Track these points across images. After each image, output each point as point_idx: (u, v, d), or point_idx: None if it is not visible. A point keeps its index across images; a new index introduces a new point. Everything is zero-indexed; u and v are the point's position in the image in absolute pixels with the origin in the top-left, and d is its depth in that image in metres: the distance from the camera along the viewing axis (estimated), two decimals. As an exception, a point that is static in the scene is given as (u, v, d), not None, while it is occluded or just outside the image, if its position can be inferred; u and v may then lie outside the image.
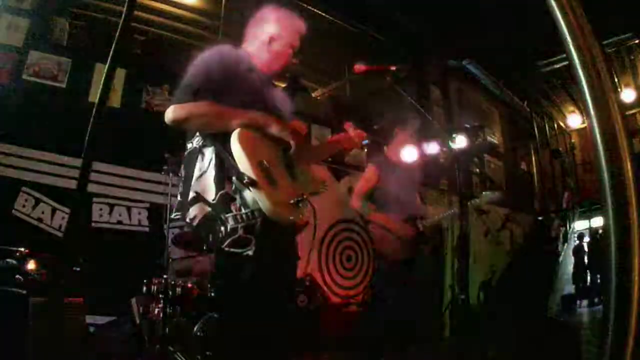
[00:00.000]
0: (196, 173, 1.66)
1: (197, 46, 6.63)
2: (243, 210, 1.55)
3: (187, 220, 1.64)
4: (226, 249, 1.54)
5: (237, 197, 1.57)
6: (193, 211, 1.62)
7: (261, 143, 1.63)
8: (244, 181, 1.50)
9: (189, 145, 1.75)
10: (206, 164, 1.65)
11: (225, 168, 1.61)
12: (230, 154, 1.57)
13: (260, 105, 1.74)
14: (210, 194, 1.59)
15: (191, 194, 1.65)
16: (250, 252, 1.53)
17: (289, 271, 1.83)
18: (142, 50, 5.28)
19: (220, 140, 1.64)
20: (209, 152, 1.66)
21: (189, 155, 1.74)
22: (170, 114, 1.60)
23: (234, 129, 1.58)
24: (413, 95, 2.46)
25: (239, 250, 1.53)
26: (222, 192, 1.57)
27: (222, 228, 1.55)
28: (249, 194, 1.54)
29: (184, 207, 1.68)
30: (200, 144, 1.70)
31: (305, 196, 1.64)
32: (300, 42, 1.95)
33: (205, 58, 1.72)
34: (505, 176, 9.33)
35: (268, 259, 1.58)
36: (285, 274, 1.76)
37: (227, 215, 1.55)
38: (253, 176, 1.50)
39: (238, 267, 1.57)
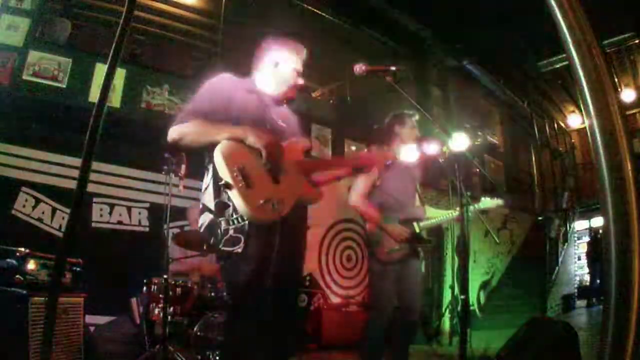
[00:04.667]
0: (203, 187, 1.90)
1: (197, 46, 6.66)
2: (234, 215, 1.74)
3: (198, 227, 1.87)
4: (222, 248, 1.76)
5: (230, 203, 1.75)
6: (202, 219, 1.87)
7: (243, 152, 1.79)
8: (220, 183, 1.71)
9: (206, 162, 1.94)
10: (209, 178, 1.86)
11: (217, 179, 1.79)
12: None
13: (258, 122, 1.91)
14: (212, 204, 1.82)
15: (200, 206, 1.90)
16: (239, 250, 1.72)
17: (286, 266, 1.89)
18: (142, 50, 5.28)
19: (212, 153, 1.83)
20: (211, 167, 1.85)
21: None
22: (169, 133, 1.83)
23: (219, 142, 1.77)
24: (413, 95, 2.47)
25: (230, 249, 1.74)
26: (217, 200, 1.79)
27: (219, 231, 1.76)
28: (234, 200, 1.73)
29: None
30: (207, 160, 1.90)
31: (274, 198, 1.75)
32: (303, 66, 2.14)
33: (205, 85, 1.96)
34: (505, 176, 9.33)
35: (256, 255, 1.74)
36: (279, 266, 1.83)
37: (221, 219, 1.77)
38: (229, 180, 1.69)
39: (232, 264, 1.78)
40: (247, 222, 1.72)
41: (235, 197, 1.69)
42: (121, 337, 3.54)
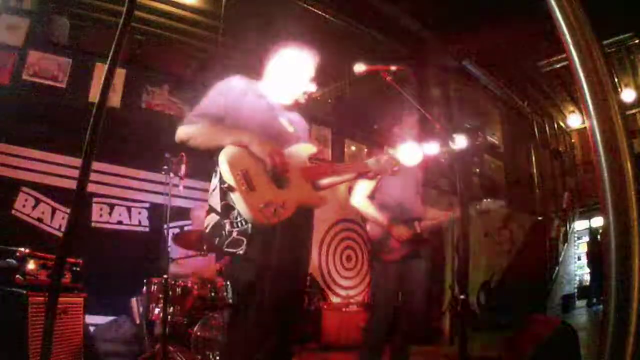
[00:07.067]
0: (210, 189, 1.94)
1: (197, 46, 6.65)
2: (238, 218, 1.79)
3: (204, 227, 1.91)
4: (225, 249, 1.81)
5: (235, 206, 1.79)
6: (208, 220, 1.90)
7: (248, 156, 1.83)
8: (223, 186, 1.77)
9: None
10: (216, 180, 1.89)
11: (222, 181, 1.83)
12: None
13: (266, 127, 1.96)
14: (218, 205, 1.85)
15: (207, 207, 1.92)
16: (241, 252, 1.78)
17: (289, 269, 1.91)
18: (142, 50, 5.28)
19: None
20: (218, 170, 1.87)
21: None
22: (177, 133, 1.90)
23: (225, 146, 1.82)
24: (413, 95, 2.47)
25: (233, 250, 1.80)
26: (223, 202, 1.83)
27: (223, 232, 1.81)
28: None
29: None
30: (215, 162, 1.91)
31: (275, 202, 1.79)
32: (315, 72, 2.18)
33: (216, 86, 2.00)
34: (505, 176, 9.33)
35: (256, 257, 1.79)
36: (282, 268, 1.85)
37: (225, 221, 1.82)
38: (232, 182, 1.73)
39: (234, 264, 1.85)
40: (249, 225, 1.77)
41: (237, 200, 1.74)
42: (121, 337, 3.54)
